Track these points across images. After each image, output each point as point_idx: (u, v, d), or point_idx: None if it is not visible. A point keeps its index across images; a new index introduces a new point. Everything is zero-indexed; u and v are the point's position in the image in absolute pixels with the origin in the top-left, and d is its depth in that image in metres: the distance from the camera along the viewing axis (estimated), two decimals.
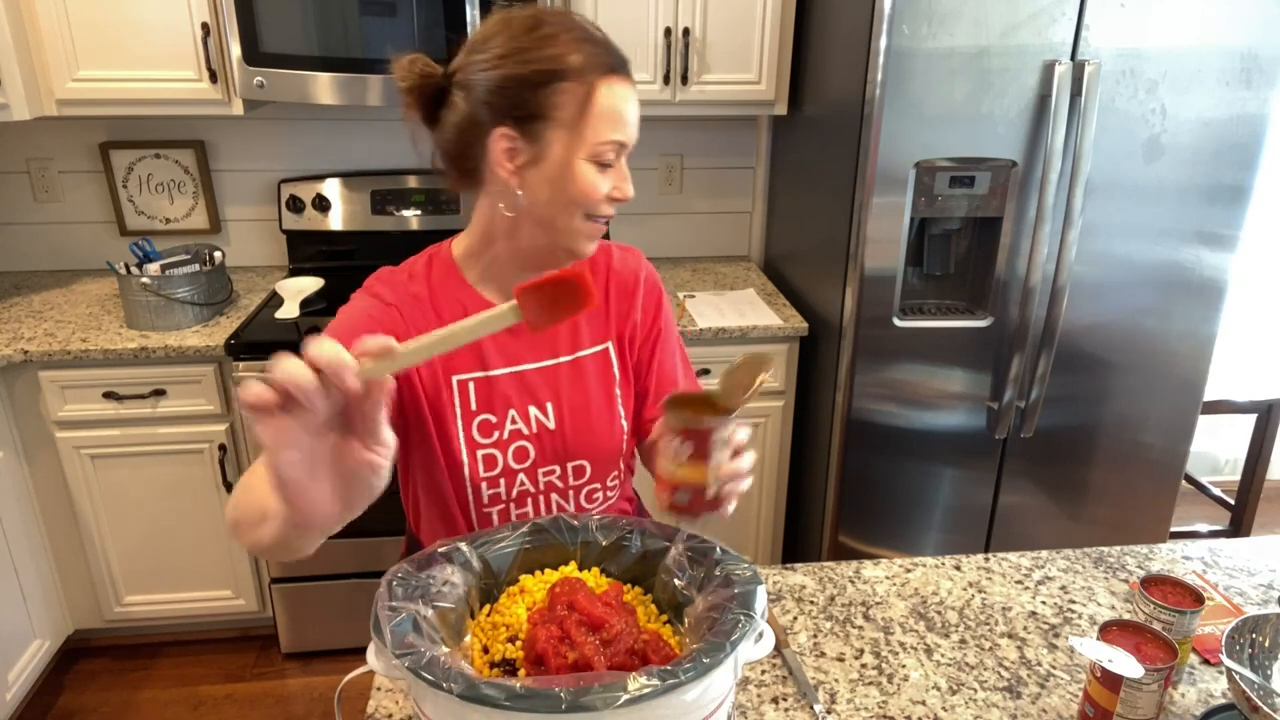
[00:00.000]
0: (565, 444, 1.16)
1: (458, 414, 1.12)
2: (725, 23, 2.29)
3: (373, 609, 0.84)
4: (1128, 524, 2.32)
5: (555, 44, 1.01)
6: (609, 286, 1.21)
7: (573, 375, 1.17)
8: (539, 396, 1.15)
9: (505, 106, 1.01)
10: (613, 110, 1.03)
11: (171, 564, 2.34)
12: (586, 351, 1.18)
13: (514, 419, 1.14)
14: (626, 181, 1.06)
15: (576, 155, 1.03)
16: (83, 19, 2.11)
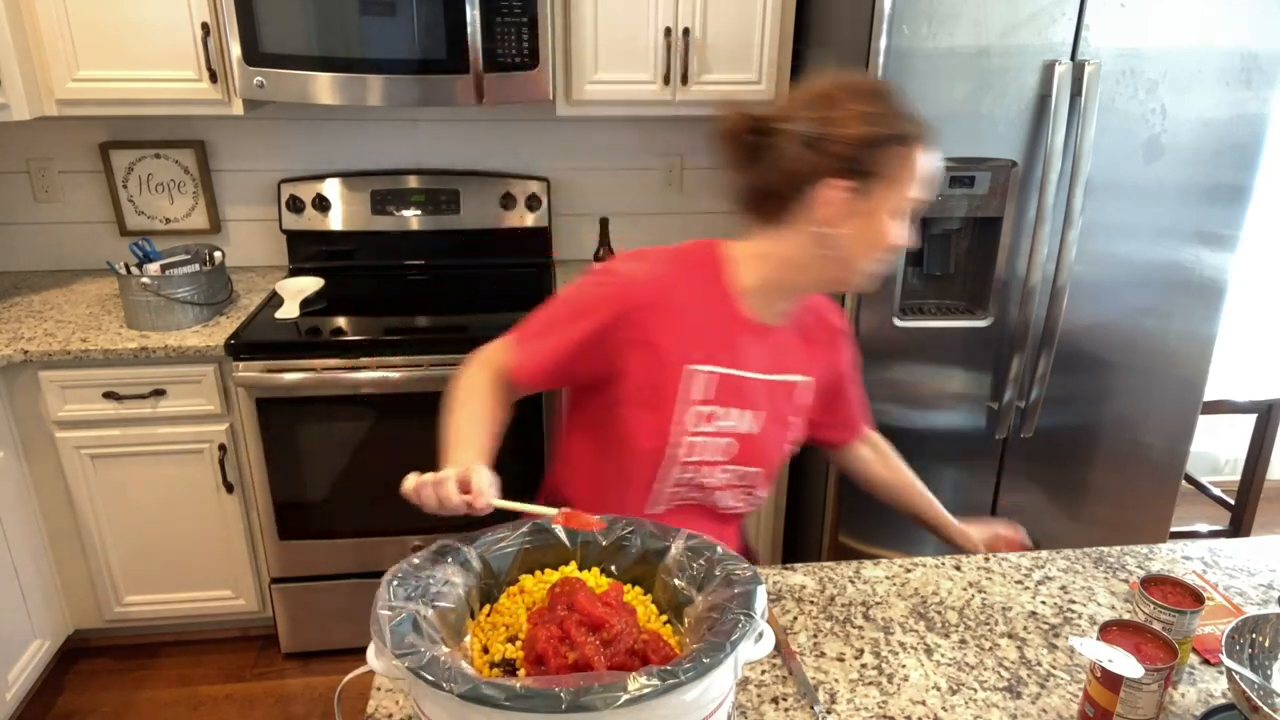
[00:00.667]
0: (755, 451, 1.26)
1: (679, 399, 1.20)
2: (725, 23, 2.29)
3: (373, 609, 0.84)
4: (1128, 524, 2.32)
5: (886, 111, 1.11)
6: (819, 330, 1.32)
7: (782, 394, 1.27)
8: (753, 403, 1.24)
9: (847, 160, 1.10)
10: (924, 173, 1.13)
11: (171, 564, 2.34)
12: (795, 378, 1.28)
13: (727, 416, 1.23)
14: (913, 233, 1.18)
15: (889, 207, 1.13)
16: (83, 19, 2.11)
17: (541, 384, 1.24)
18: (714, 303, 1.21)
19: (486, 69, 2.16)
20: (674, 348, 1.19)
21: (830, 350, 1.34)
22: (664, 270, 1.21)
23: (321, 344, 2.16)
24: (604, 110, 2.36)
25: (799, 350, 1.29)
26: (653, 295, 1.18)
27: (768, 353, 1.24)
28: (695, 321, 1.20)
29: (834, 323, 1.35)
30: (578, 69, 2.29)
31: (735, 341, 1.21)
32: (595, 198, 2.77)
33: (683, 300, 1.20)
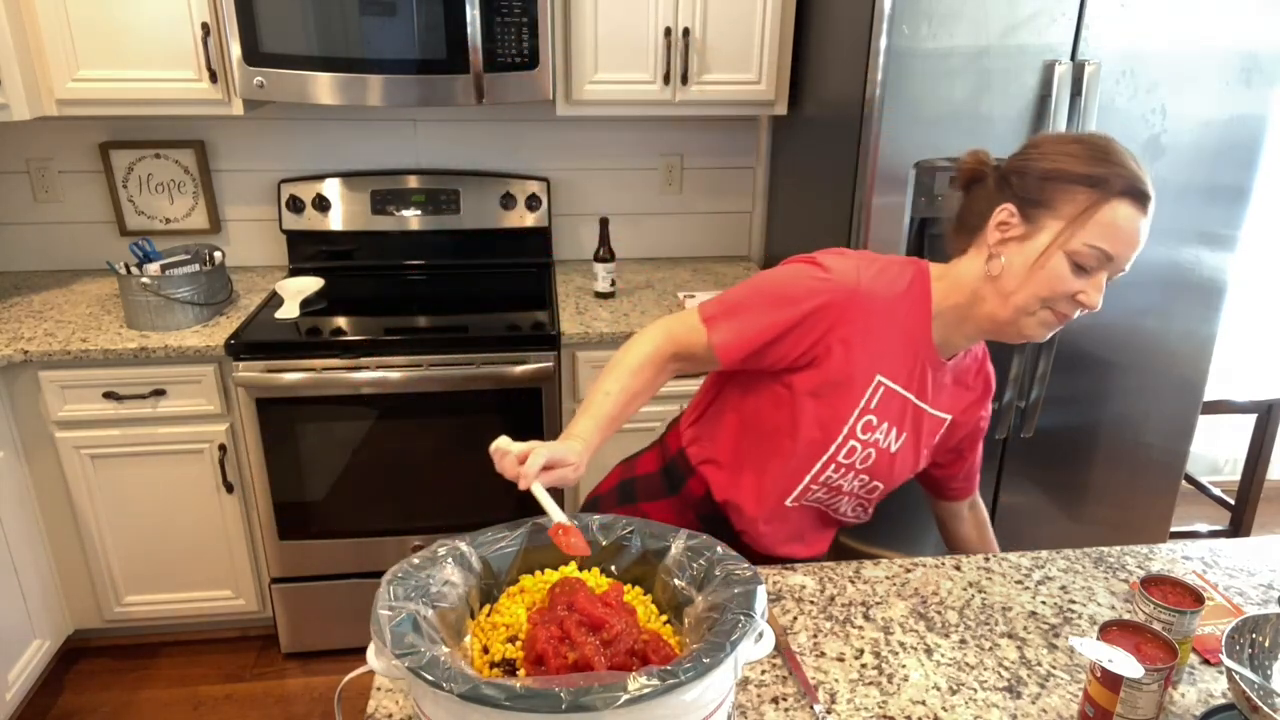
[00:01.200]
0: (888, 468, 1.30)
1: (860, 405, 1.23)
2: (725, 23, 2.29)
3: (373, 609, 0.84)
4: (1128, 524, 2.32)
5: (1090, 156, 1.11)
6: (977, 379, 1.35)
7: (927, 424, 1.30)
8: (904, 424, 1.27)
9: (1020, 187, 1.15)
10: (1112, 224, 1.10)
11: (171, 564, 2.34)
12: (937, 413, 1.30)
13: (884, 430, 1.26)
14: (1098, 293, 1.13)
15: (1059, 248, 1.12)
16: (82, 19, 2.11)
17: (739, 362, 1.25)
18: (915, 323, 1.23)
19: (486, 69, 2.16)
20: (872, 354, 1.22)
21: (976, 401, 1.36)
22: (880, 276, 1.23)
23: (321, 344, 2.16)
24: (604, 110, 2.36)
25: (950, 388, 1.31)
26: (866, 300, 1.21)
27: (933, 384, 1.28)
28: (897, 335, 1.23)
29: (988, 374, 1.37)
30: (577, 69, 2.29)
31: (916, 364, 1.25)
32: (595, 198, 2.77)
33: (893, 312, 1.22)
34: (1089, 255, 1.10)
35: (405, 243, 2.66)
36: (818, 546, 1.44)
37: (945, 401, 1.31)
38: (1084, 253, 1.10)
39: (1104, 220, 1.10)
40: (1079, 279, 1.12)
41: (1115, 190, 1.09)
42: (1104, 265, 1.12)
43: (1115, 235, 1.10)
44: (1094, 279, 1.13)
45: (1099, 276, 1.13)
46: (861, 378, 1.22)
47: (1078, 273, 1.12)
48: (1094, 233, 1.10)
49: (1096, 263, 1.11)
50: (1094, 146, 1.12)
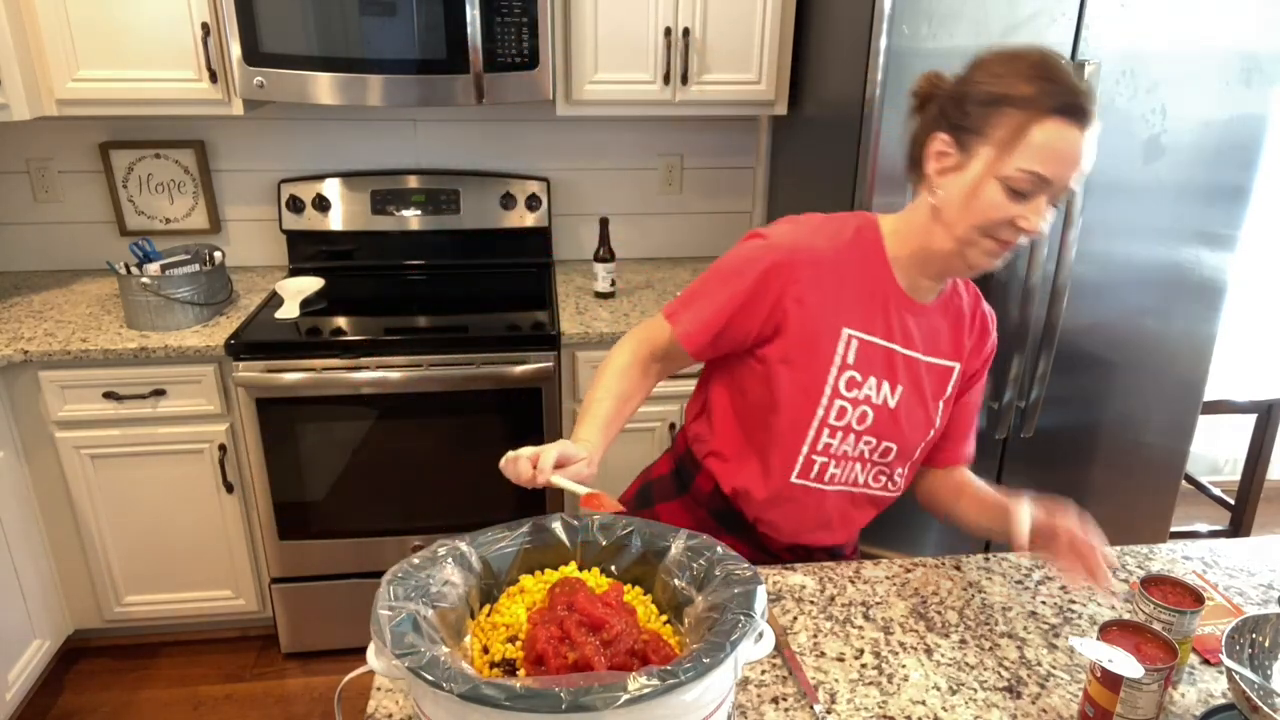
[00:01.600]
0: (890, 426, 1.25)
1: (836, 362, 1.21)
2: (725, 23, 2.29)
3: (373, 609, 0.84)
4: (1128, 524, 2.32)
5: (1017, 70, 1.07)
6: (974, 322, 1.30)
7: (923, 374, 1.26)
8: (895, 376, 1.24)
9: (954, 114, 1.11)
10: (1044, 145, 1.05)
11: (171, 564, 2.34)
12: (939, 360, 1.27)
13: (872, 385, 1.23)
14: (1038, 216, 1.08)
15: (992, 175, 1.08)
16: (82, 19, 2.11)
17: (709, 348, 1.26)
18: (871, 271, 1.22)
19: (486, 69, 2.16)
20: (831, 308, 1.21)
21: (978, 349, 1.31)
22: (820, 231, 1.24)
23: (321, 344, 2.16)
24: (604, 110, 2.36)
25: (950, 334, 1.28)
26: (808, 253, 1.21)
27: (919, 330, 1.25)
28: (853, 286, 1.21)
29: (989, 327, 1.32)
30: (577, 69, 2.29)
31: (889, 313, 1.22)
32: (595, 198, 2.77)
33: (841, 263, 1.21)
34: (1023, 179, 1.06)
35: (405, 243, 2.66)
36: (849, 531, 1.39)
37: (945, 348, 1.28)
38: (1017, 177, 1.06)
39: (1035, 142, 1.05)
40: (1016, 204, 1.08)
41: (1046, 108, 1.04)
42: (1041, 188, 1.07)
43: (1048, 156, 1.05)
44: (1032, 204, 1.08)
45: (1038, 200, 1.08)
46: (827, 333, 1.21)
47: (1014, 198, 1.07)
48: (1026, 155, 1.05)
49: (1032, 187, 1.07)
50: (1028, 63, 1.07)
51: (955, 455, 1.37)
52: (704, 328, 1.24)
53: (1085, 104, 1.05)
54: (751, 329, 1.23)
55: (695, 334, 1.24)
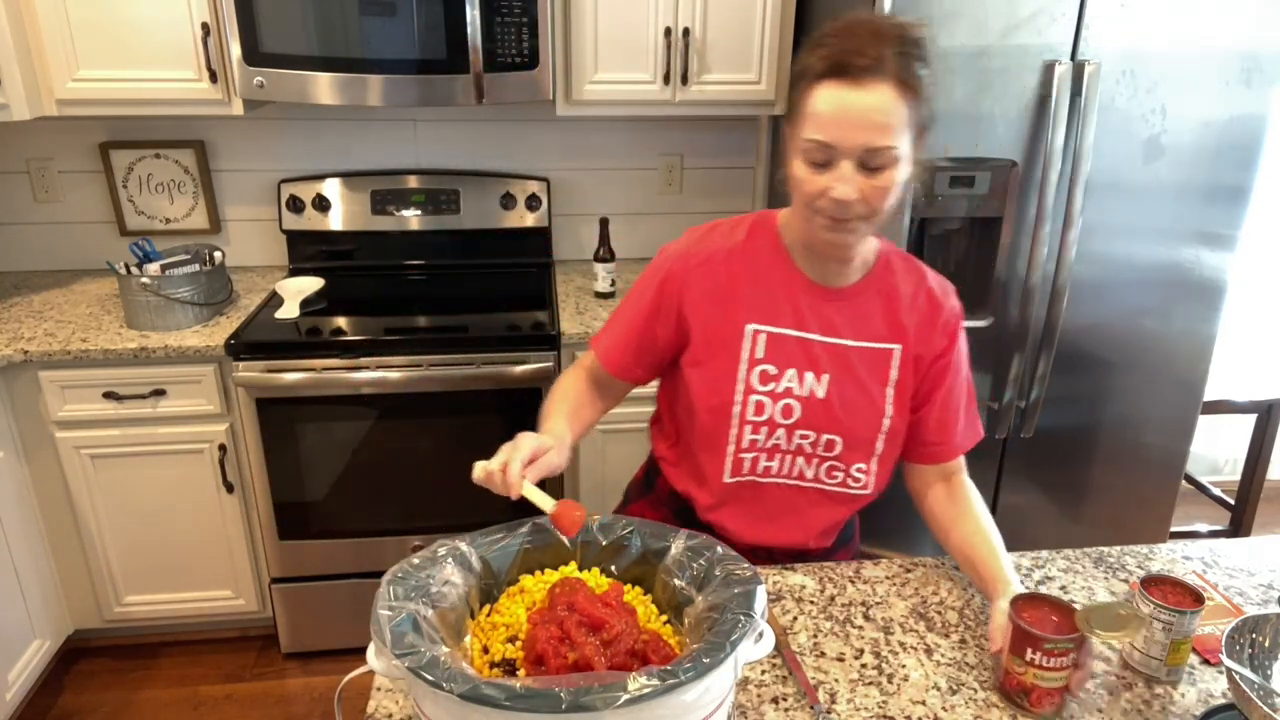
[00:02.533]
0: (824, 417, 1.23)
1: (743, 358, 1.21)
2: (725, 23, 2.29)
3: (373, 609, 0.84)
4: (1128, 524, 2.32)
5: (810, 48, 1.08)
6: (916, 299, 1.26)
7: (855, 360, 1.23)
8: (819, 366, 1.22)
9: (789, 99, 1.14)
10: (819, 112, 1.05)
11: (171, 564, 2.34)
12: (873, 344, 1.24)
13: (791, 377, 1.22)
14: (845, 183, 1.06)
15: (794, 153, 1.10)
16: (83, 19, 2.11)
17: (632, 365, 1.30)
18: (770, 263, 1.23)
19: (486, 69, 2.16)
20: (730, 306, 1.22)
21: (932, 328, 1.25)
22: (713, 233, 1.26)
23: (321, 344, 2.16)
24: (604, 110, 2.36)
25: (883, 315, 1.24)
26: (701, 256, 1.23)
27: (842, 316, 1.23)
28: (751, 281, 1.22)
29: (942, 301, 1.26)
30: (577, 69, 2.29)
31: (797, 303, 1.22)
32: (595, 198, 2.77)
33: (736, 260, 1.22)
34: (811, 149, 1.06)
35: (405, 243, 2.66)
36: (808, 532, 1.32)
37: (879, 330, 1.23)
38: (807, 148, 1.07)
39: (811, 111, 1.05)
40: (821, 175, 1.07)
41: (815, 75, 1.05)
42: (834, 154, 1.05)
43: (824, 122, 1.04)
44: (835, 172, 1.06)
45: (840, 168, 1.06)
46: (730, 331, 1.22)
47: (816, 170, 1.07)
48: (809, 125, 1.06)
49: (823, 155, 1.06)
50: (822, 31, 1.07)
51: (942, 447, 1.29)
52: (618, 346, 1.30)
53: (853, 60, 1.02)
54: (666, 339, 1.27)
55: (612, 352, 1.30)
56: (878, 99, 1.03)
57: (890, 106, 1.04)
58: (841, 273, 1.22)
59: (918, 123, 1.08)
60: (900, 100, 1.04)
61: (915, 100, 1.06)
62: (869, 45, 1.03)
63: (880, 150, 1.05)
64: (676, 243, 1.28)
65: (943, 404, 1.28)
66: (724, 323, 1.22)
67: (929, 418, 1.28)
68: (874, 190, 1.07)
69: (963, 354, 1.29)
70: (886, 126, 1.04)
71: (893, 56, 1.03)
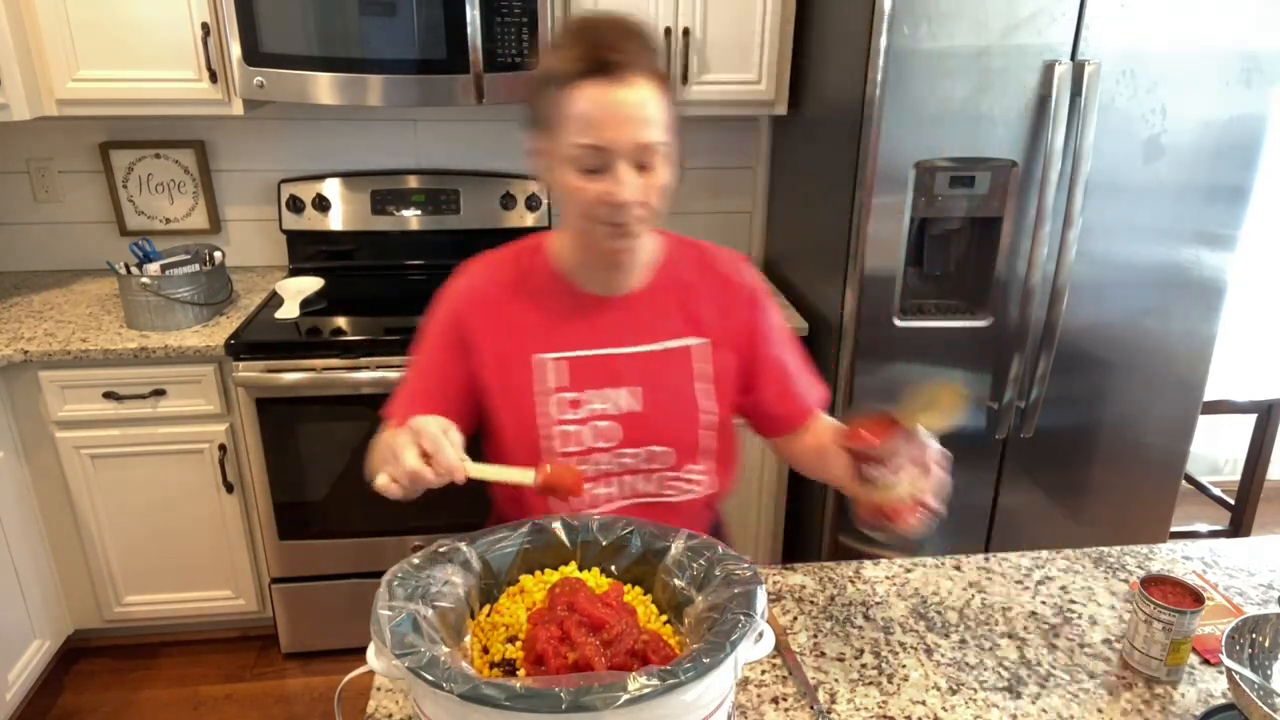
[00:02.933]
0: (648, 428, 1.19)
1: (537, 390, 1.17)
2: (725, 23, 2.29)
3: (373, 609, 0.84)
4: (1128, 524, 2.32)
5: (551, 49, 1.05)
6: (706, 286, 1.22)
7: (660, 364, 1.19)
8: (625, 379, 1.18)
9: (530, 110, 1.09)
10: (581, 115, 1.00)
11: (171, 564, 2.34)
12: (674, 343, 1.20)
13: (598, 399, 1.17)
14: (622, 185, 1.02)
15: (559, 162, 1.05)
16: (83, 19, 2.11)
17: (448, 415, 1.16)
18: (551, 289, 1.18)
19: (486, 69, 2.16)
20: (519, 339, 1.16)
21: (731, 308, 1.22)
22: (486, 268, 1.20)
23: (321, 344, 2.16)
24: None
25: (679, 310, 1.20)
26: (475, 293, 1.18)
27: (634, 324, 1.18)
28: (536, 310, 1.17)
29: (733, 278, 1.23)
30: None
31: (587, 321, 1.17)
32: None
33: (511, 293, 1.18)
34: (581, 155, 1.01)
35: (405, 243, 2.66)
36: None
37: (677, 327, 1.19)
38: (576, 155, 1.01)
39: (573, 114, 1.00)
40: (595, 182, 1.02)
41: (571, 77, 1.00)
42: (608, 157, 1.01)
43: (590, 124, 1.00)
44: (612, 175, 1.02)
45: (617, 169, 1.02)
46: (518, 366, 1.16)
47: (589, 176, 1.02)
48: (573, 130, 1.01)
49: (597, 159, 1.01)
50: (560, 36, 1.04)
51: (791, 417, 1.27)
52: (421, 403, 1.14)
53: (609, 56, 0.99)
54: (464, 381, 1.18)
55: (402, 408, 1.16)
56: (641, 94, 1.01)
57: (653, 101, 1.02)
58: (626, 280, 1.18)
59: (675, 119, 1.06)
60: (659, 95, 1.03)
61: (670, 95, 1.05)
62: (621, 41, 1.01)
63: (652, 146, 1.02)
64: (452, 282, 1.21)
65: (774, 376, 1.25)
66: (513, 357, 1.17)
67: (766, 393, 1.25)
68: (650, 189, 1.05)
69: (775, 321, 1.26)
70: (654, 122, 1.02)
71: (643, 50, 1.02)
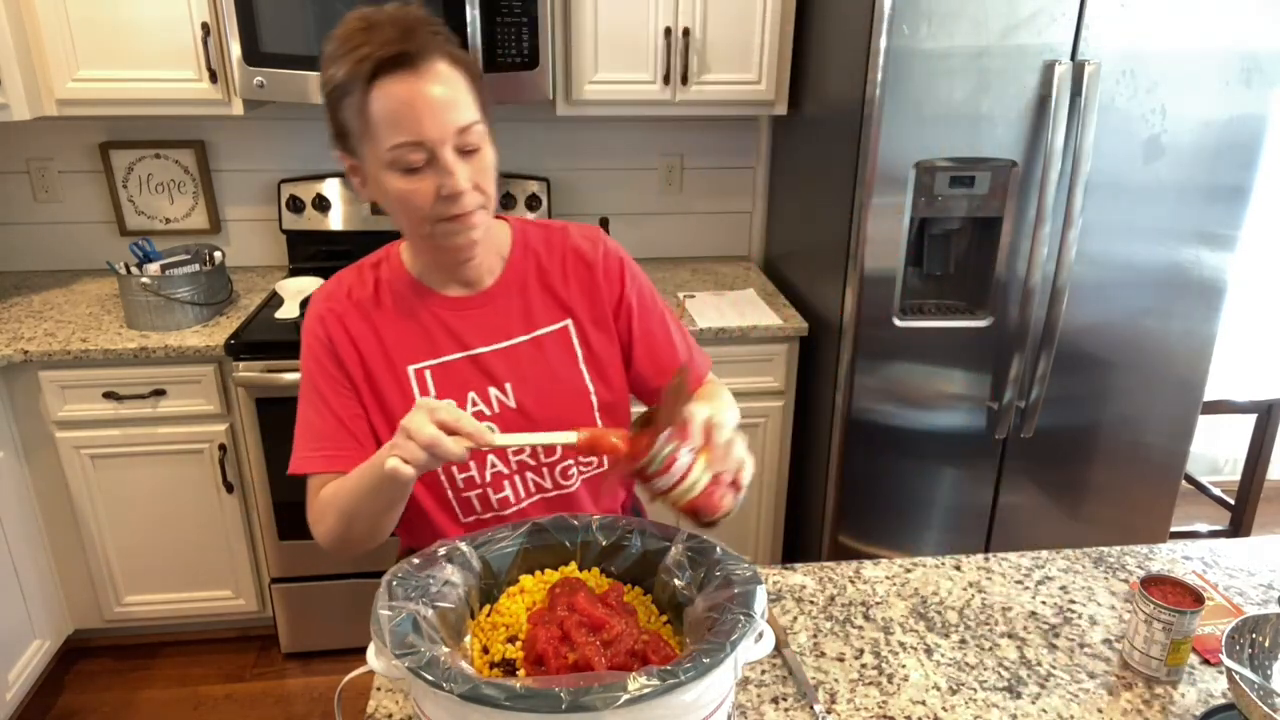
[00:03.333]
0: (530, 421, 1.16)
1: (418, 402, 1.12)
2: (725, 23, 2.29)
3: (373, 609, 0.84)
4: (1128, 524, 2.32)
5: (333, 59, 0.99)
6: (563, 265, 1.19)
7: (532, 354, 1.17)
8: (497, 377, 1.15)
9: (333, 130, 1.05)
10: (389, 115, 0.97)
11: (171, 564, 2.34)
12: (543, 330, 1.18)
13: (474, 401, 1.15)
14: (455, 175, 0.99)
15: (380, 167, 1.01)
16: (83, 19, 2.11)
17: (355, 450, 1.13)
18: (408, 298, 1.15)
19: (486, 69, 2.16)
20: (388, 354, 1.14)
21: (595, 284, 1.19)
22: (340, 290, 1.17)
23: None
24: (604, 110, 2.36)
25: (540, 296, 1.18)
26: (341, 311, 1.14)
27: (497, 318, 1.16)
28: (398, 321, 1.14)
29: (590, 254, 1.20)
30: (578, 69, 2.29)
31: (449, 325, 1.14)
32: (595, 198, 2.77)
33: (373, 307, 1.15)
34: (402, 155, 0.98)
35: None
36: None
37: (540, 314, 1.17)
38: (394, 157, 0.98)
39: (380, 117, 0.97)
40: (423, 179, 1.00)
41: (366, 79, 0.96)
42: (429, 150, 0.98)
43: (401, 120, 0.97)
44: (437, 168, 0.99)
45: (442, 160, 0.99)
46: (393, 380, 1.13)
47: (416, 176, 0.99)
48: (384, 134, 0.97)
49: (419, 155, 0.98)
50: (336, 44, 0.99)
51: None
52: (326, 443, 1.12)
53: (400, 49, 0.96)
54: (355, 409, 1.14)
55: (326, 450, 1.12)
56: (444, 77, 0.98)
57: (457, 81, 0.99)
58: (480, 275, 1.15)
59: (483, 97, 1.03)
60: (462, 75, 1.00)
61: (473, 72, 1.02)
62: (404, 33, 0.97)
63: (470, 128, 1.00)
64: (310, 312, 1.17)
65: (650, 346, 1.23)
66: (385, 373, 1.14)
67: (644, 364, 1.23)
68: (479, 172, 1.02)
69: (644, 290, 1.23)
70: (464, 103, 1.00)
71: (432, 35, 0.99)
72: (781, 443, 2.43)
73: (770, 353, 2.33)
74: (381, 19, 0.98)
